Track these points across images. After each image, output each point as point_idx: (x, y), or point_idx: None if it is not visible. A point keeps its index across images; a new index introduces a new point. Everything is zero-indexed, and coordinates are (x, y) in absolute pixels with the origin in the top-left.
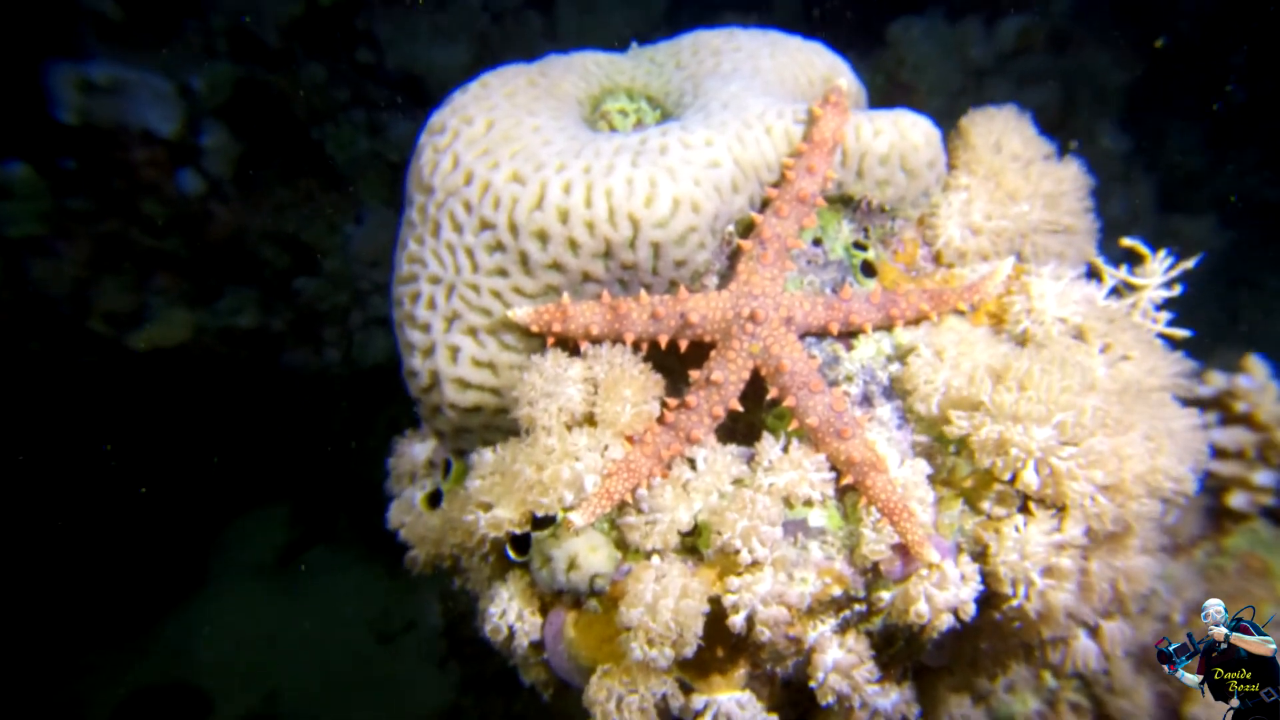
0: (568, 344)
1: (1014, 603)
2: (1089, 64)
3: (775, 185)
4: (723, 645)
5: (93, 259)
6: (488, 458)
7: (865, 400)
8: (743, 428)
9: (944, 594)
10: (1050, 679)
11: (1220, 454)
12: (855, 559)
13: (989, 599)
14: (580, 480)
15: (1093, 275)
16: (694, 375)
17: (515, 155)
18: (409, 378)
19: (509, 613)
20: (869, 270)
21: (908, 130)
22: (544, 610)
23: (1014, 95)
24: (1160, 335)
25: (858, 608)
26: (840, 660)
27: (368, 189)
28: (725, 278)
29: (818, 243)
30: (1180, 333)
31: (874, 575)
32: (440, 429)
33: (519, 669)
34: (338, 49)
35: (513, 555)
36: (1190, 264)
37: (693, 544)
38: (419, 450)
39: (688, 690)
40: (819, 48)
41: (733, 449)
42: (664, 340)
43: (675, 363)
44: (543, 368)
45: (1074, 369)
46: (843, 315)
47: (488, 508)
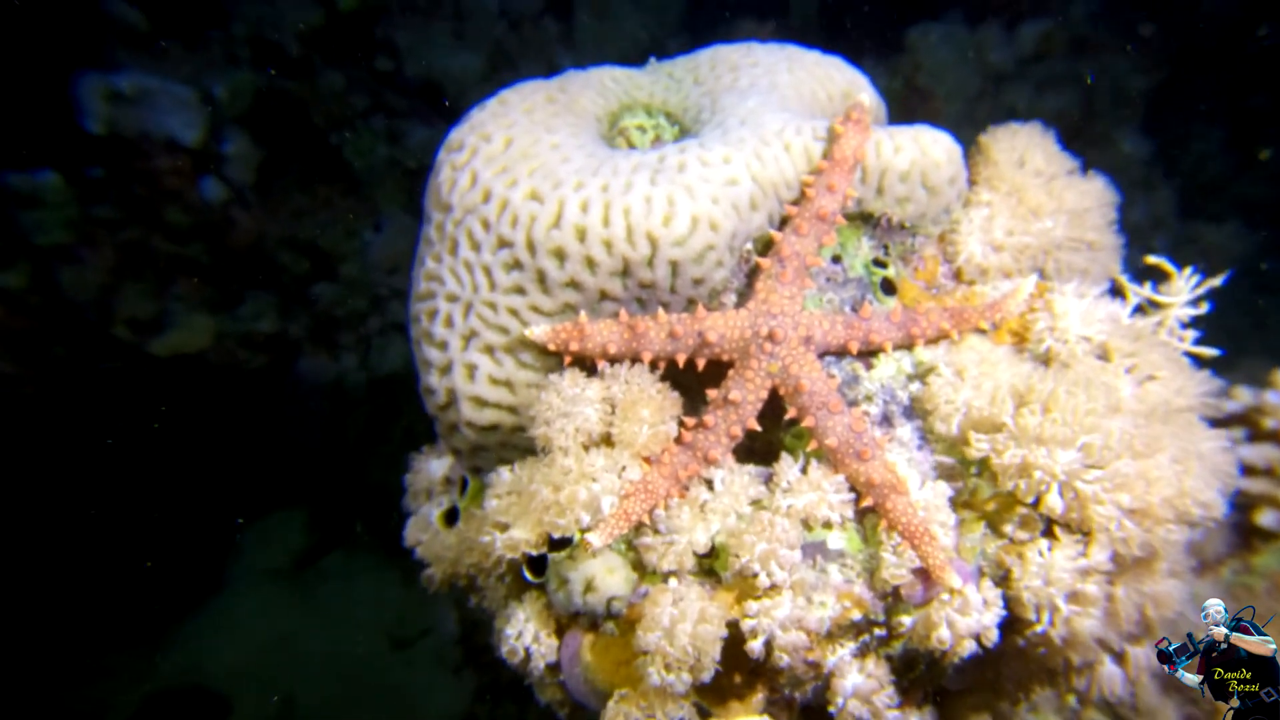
0: (585, 363)
1: (1038, 629)
2: (1109, 69)
3: (794, 203)
4: (741, 670)
5: (117, 266)
6: (505, 477)
7: (885, 420)
8: (760, 446)
9: (966, 620)
10: (1073, 700)
11: (1248, 471)
12: (875, 583)
13: (1012, 624)
14: (597, 501)
15: (1116, 293)
16: (711, 394)
17: (533, 173)
18: (426, 395)
19: (525, 634)
20: (889, 288)
21: (929, 147)
22: (560, 632)
23: (1033, 100)
24: (1187, 354)
25: (878, 632)
26: (860, 685)
27: (386, 196)
28: (743, 296)
29: (837, 260)
30: (1209, 351)
31: (894, 599)
32: (457, 447)
33: (534, 688)
34: (357, 57)
35: (529, 577)
36: (1218, 281)
37: (710, 566)
38: (436, 467)
39: (705, 716)
40: (838, 62)
41: (750, 469)
42: (682, 359)
43: (693, 380)
44: (560, 387)
45: (1099, 390)
46: (862, 334)
47: (504, 528)
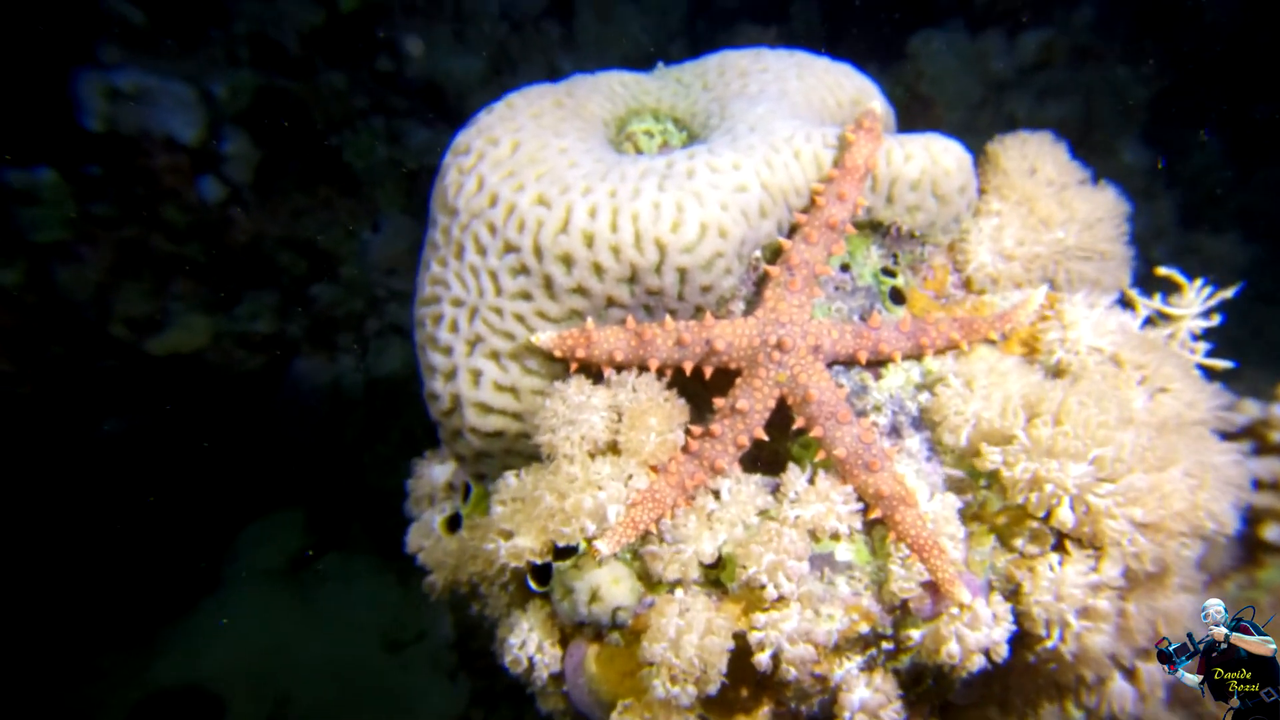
0: (591, 370)
1: (1048, 644)
2: (1111, 78)
3: (804, 211)
4: (747, 683)
5: (115, 265)
6: (510, 483)
7: (894, 431)
8: (767, 456)
9: (976, 634)
10: (1081, 716)
11: (1256, 485)
12: (883, 595)
13: (1021, 639)
14: (603, 510)
15: (1126, 304)
16: (719, 403)
17: (541, 178)
18: (430, 400)
19: (529, 644)
20: (898, 297)
21: (939, 155)
22: (564, 642)
23: (1034, 109)
24: (1199, 366)
25: (885, 645)
26: (867, 700)
27: (385, 196)
28: (752, 304)
29: (846, 269)
30: (1221, 364)
31: (902, 613)
32: (461, 453)
33: (537, 698)
34: (358, 57)
35: (534, 586)
36: (1230, 293)
37: (717, 577)
38: (438, 473)
39: None
40: (847, 69)
41: (757, 479)
42: (689, 367)
43: (699, 387)
44: (566, 394)
45: (1111, 402)
46: (871, 344)
47: (508, 536)
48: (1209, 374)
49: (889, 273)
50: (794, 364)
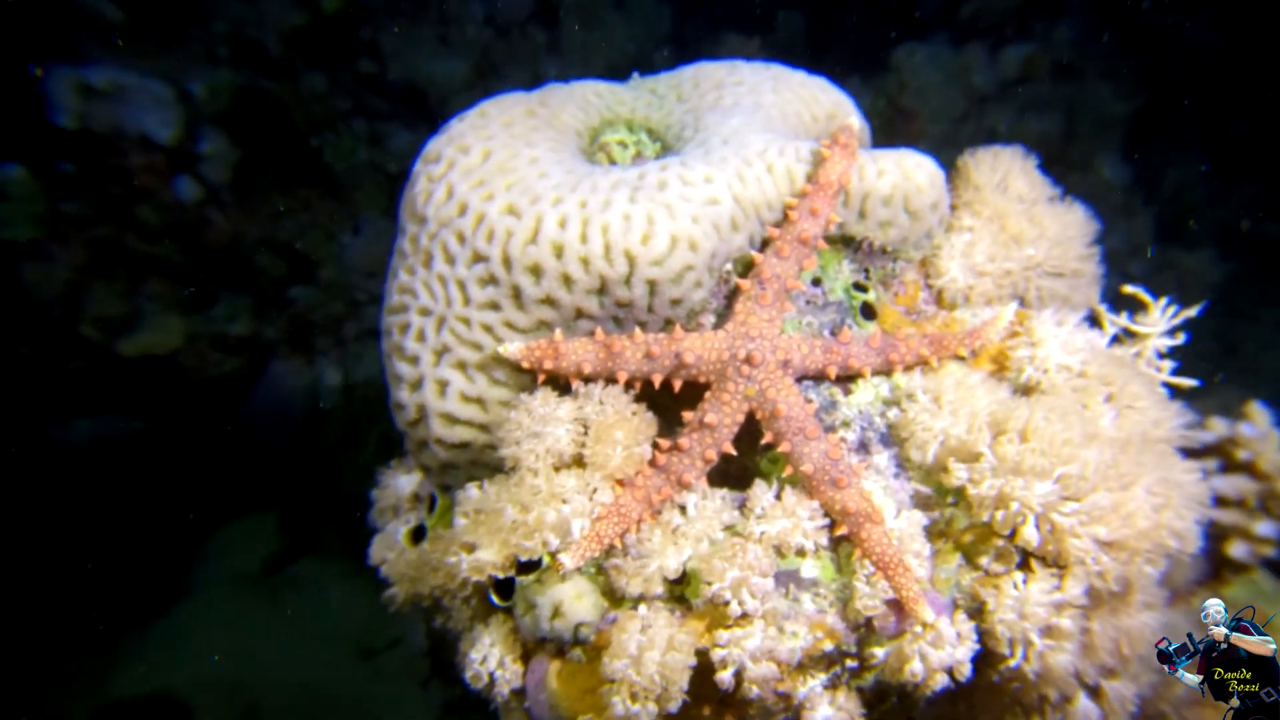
0: (559, 382)
1: (1012, 663)
2: (1091, 94)
3: (776, 224)
4: (709, 701)
5: (86, 264)
6: (472, 495)
7: (862, 447)
8: (736, 470)
9: (939, 653)
10: None
11: (1221, 502)
12: (848, 613)
13: (986, 657)
14: (567, 524)
15: (1094, 322)
16: (687, 417)
17: (511, 187)
18: (396, 410)
19: (490, 659)
20: (869, 312)
21: (912, 171)
22: (526, 657)
23: (1015, 123)
24: (1165, 384)
25: (850, 663)
26: (830, 718)
27: (366, 199)
28: (722, 317)
29: (817, 283)
30: (1187, 382)
31: (867, 630)
32: (427, 464)
33: (499, 714)
34: (339, 59)
35: (496, 600)
36: (1194, 311)
37: (681, 593)
38: (404, 483)
39: None
40: (823, 83)
41: (724, 494)
42: (658, 380)
43: (668, 400)
44: (531, 407)
45: (1076, 419)
46: (841, 359)
47: (471, 549)
48: (1174, 392)
49: (861, 288)
50: (763, 378)
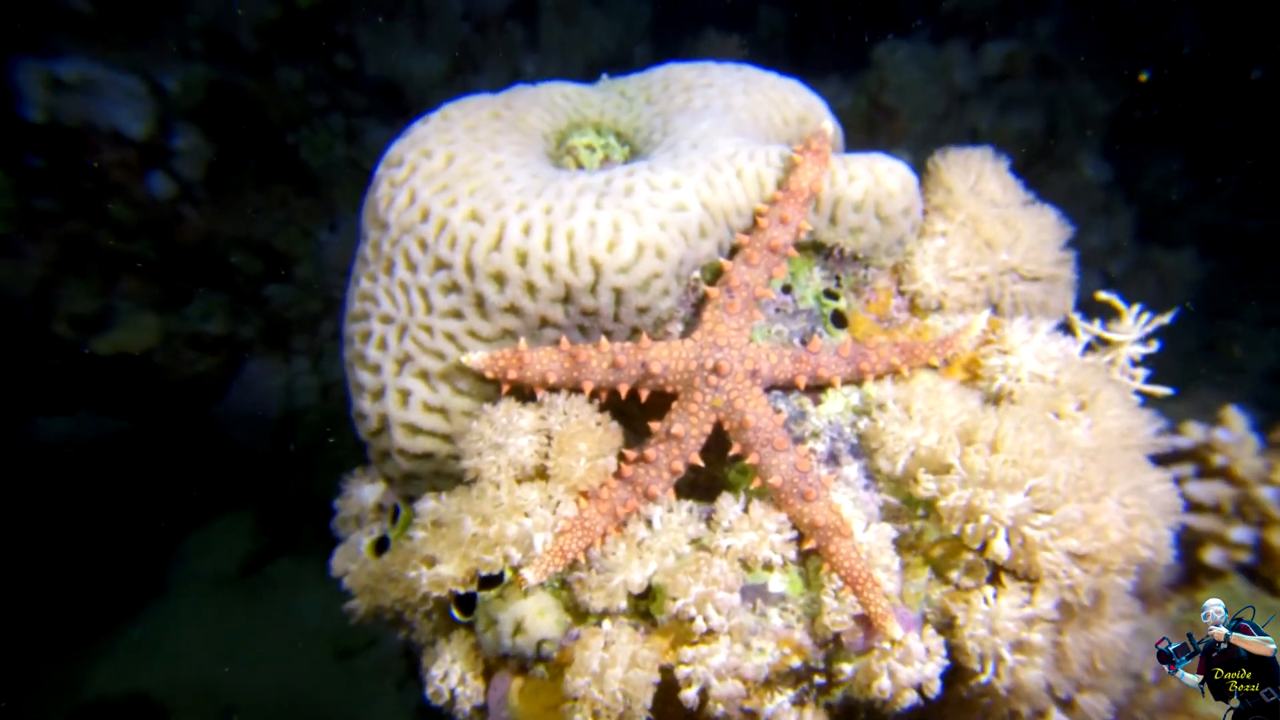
0: (524, 392)
1: (982, 679)
2: (1073, 91)
3: (746, 231)
4: (674, 719)
5: (58, 260)
6: (429, 506)
7: (832, 458)
8: (704, 481)
9: (908, 670)
10: None
11: (1197, 508)
12: (816, 628)
13: (956, 673)
14: (528, 537)
15: (1067, 329)
16: (654, 427)
17: (474, 193)
18: (358, 420)
19: (451, 676)
20: (840, 320)
21: (883, 176)
22: (489, 674)
23: (997, 121)
24: (1138, 392)
25: (817, 680)
26: None
27: (343, 196)
28: (690, 325)
29: (787, 290)
30: (1161, 390)
31: (835, 646)
32: (389, 474)
33: None
34: (316, 53)
35: (457, 616)
36: (1167, 319)
37: (646, 608)
38: (368, 493)
39: None
40: (795, 85)
41: (691, 506)
42: (624, 390)
43: (635, 409)
44: (493, 417)
45: (1047, 429)
46: (810, 369)
47: (431, 563)
48: (1145, 399)
49: (831, 295)
50: (731, 389)
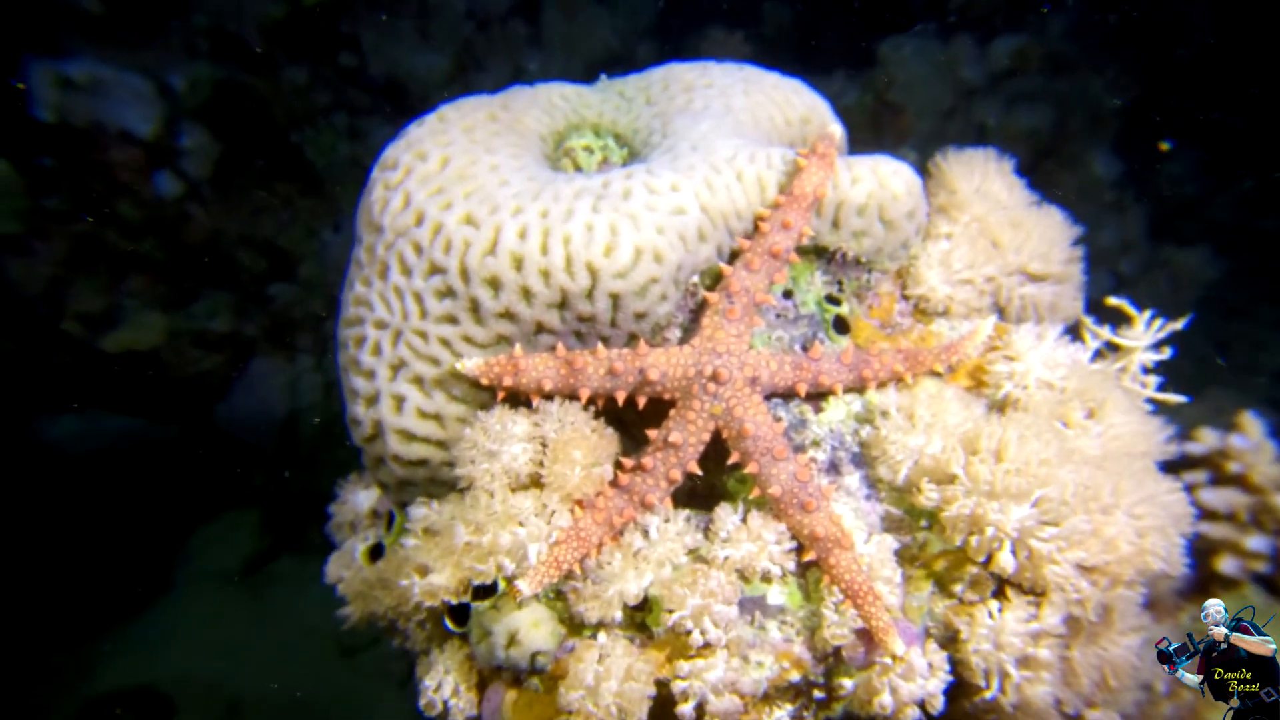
0: (519, 399)
1: (987, 695)
2: (1084, 86)
3: (747, 236)
4: None
5: (68, 259)
6: (420, 513)
7: (833, 467)
8: (702, 489)
9: (910, 685)
10: None
11: (1210, 516)
12: (816, 642)
13: (960, 689)
14: (523, 547)
15: (1075, 335)
16: (651, 435)
17: (470, 196)
18: (352, 426)
19: (444, 687)
20: (842, 326)
21: (887, 179)
22: (482, 685)
23: (1005, 117)
24: (1150, 399)
25: (817, 695)
26: None
27: (347, 195)
28: (688, 332)
29: (788, 295)
30: (1175, 398)
31: (835, 661)
32: (384, 480)
33: None
34: (320, 52)
35: (450, 626)
36: (1180, 325)
37: (642, 620)
38: (363, 498)
39: None
40: (798, 85)
41: (689, 516)
42: (621, 397)
43: (633, 416)
44: (487, 425)
45: (1054, 437)
46: (811, 376)
47: (424, 572)
48: (1157, 406)
49: (833, 300)
50: (730, 396)
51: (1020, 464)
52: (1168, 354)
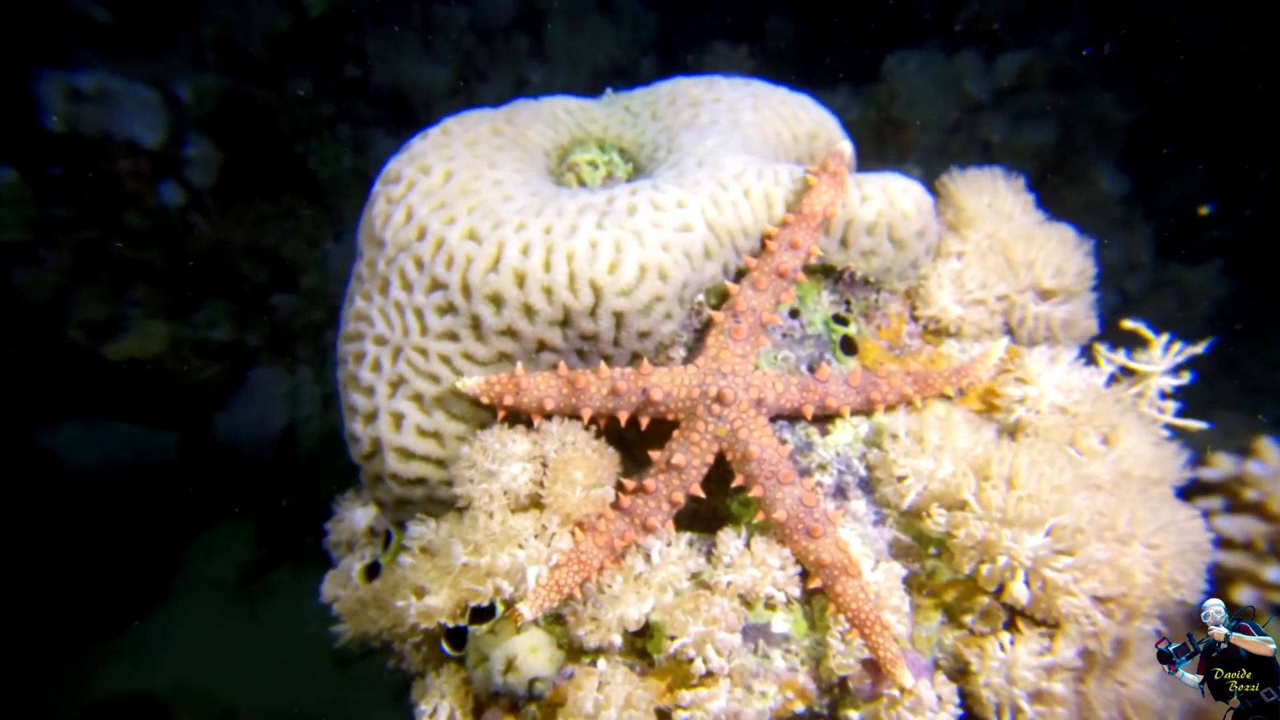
0: (521, 418)
1: None
2: (1091, 102)
3: (753, 254)
4: None
5: (73, 267)
6: (416, 531)
7: (839, 492)
8: (706, 511)
9: (918, 719)
10: None
11: (1226, 544)
12: (821, 672)
13: None
14: (521, 570)
15: (1090, 358)
16: (654, 456)
17: (472, 211)
18: (350, 442)
19: (440, 712)
20: (849, 347)
21: (897, 197)
22: (479, 710)
23: (1010, 133)
24: (1168, 426)
25: None
26: None
27: (349, 206)
28: (693, 351)
29: (795, 315)
30: (1194, 424)
31: (841, 692)
32: (381, 499)
33: None
34: (324, 64)
35: (447, 650)
36: (1200, 349)
37: (643, 646)
38: (360, 516)
39: None
40: (805, 101)
41: (692, 540)
42: (624, 417)
43: (635, 436)
44: (486, 443)
45: (1068, 464)
46: (818, 398)
47: (420, 593)
48: (1175, 433)
49: (841, 320)
50: (734, 418)
51: (1033, 490)
52: (1187, 378)
